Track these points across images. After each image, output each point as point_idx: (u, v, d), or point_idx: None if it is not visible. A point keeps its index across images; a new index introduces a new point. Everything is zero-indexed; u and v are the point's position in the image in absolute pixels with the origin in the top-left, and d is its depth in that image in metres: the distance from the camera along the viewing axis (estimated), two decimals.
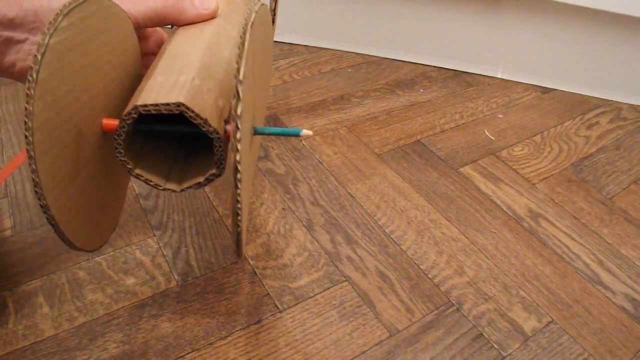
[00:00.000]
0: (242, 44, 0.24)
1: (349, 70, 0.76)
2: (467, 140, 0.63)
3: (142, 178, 0.28)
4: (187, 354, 0.37)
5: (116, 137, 0.27)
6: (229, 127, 0.28)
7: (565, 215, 0.53)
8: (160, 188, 0.29)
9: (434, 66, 0.79)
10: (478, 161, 0.59)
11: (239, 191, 0.25)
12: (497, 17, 0.74)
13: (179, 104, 0.26)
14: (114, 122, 0.28)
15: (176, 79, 0.28)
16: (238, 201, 0.25)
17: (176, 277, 0.42)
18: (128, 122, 0.26)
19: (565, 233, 0.51)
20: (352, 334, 0.39)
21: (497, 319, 0.42)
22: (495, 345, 0.40)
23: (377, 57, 0.81)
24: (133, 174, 0.28)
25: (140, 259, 0.44)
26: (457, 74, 0.78)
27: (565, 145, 0.64)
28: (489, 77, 0.78)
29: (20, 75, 0.31)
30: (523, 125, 0.67)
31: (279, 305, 0.41)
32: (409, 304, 0.42)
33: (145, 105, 0.26)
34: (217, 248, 0.45)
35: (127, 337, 0.38)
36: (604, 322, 0.42)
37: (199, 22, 0.33)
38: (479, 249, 0.48)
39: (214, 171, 0.29)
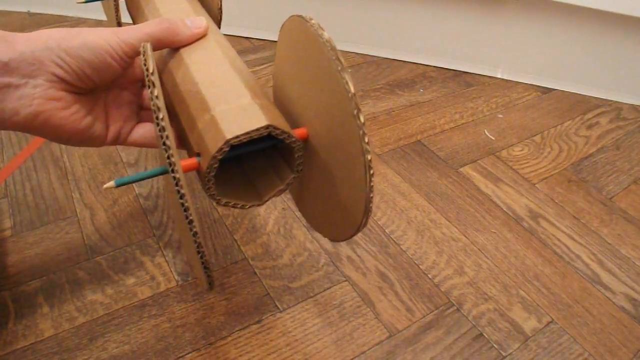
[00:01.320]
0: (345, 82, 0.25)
1: (349, 70, 0.76)
2: (467, 140, 0.63)
3: (230, 204, 0.29)
4: (187, 354, 0.37)
5: (207, 175, 0.27)
6: (299, 131, 0.29)
7: (565, 215, 0.53)
8: (246, 207, 0.29)
9: (434, 66, 0.79)
10: (478, 161, 0.59)
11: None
12: (497, 17, 0.74)
13: (267, 126, 0.26)
14: (192, 162, 0.28)
15: (238, 104, 0.28)
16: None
17: (176, 277, 0.42)
18: (220, 157, 0.26)
19: (565, 233, 0.51)
20: (352, 334, 0.39)
21: (497, 319, 0.42)
22: (495, 345, 0.40)
23: (377, 57, 0.81)
24: (222, 203, 0.29)
25: (140, 259, 0.44)
26: (457, 74, 0.78)
27: (565, 145, 0.64)
28: (489, 77, 0.78)
29: (26, 124, 0.28)
30: (523, 125, 0.67)
31: (279, 305, 0.41)
32: (409, 304, 0.42)
33: (237, 137, 0.26)
34: (217, 248, 0.45)
35: (127, 337, 0.38)
36: (604, 322, 0.42)
37: (194, 42, 0.33)
38: (479, 249, 0.48)
39: (293, 175, 0.30)
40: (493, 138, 0.64)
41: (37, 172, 0.52)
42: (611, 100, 0.75)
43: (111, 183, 0.27)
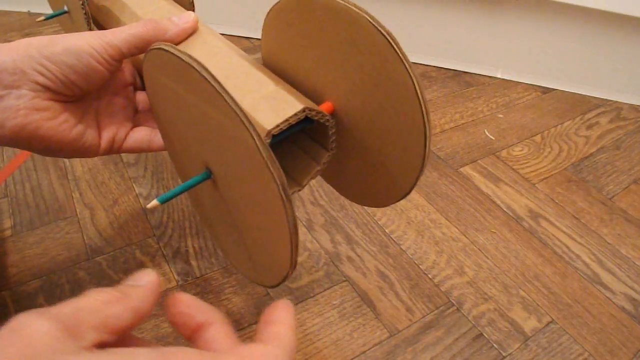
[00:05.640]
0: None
1: None
2: (467, 140, 0.63)
3: None
4: None
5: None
6: (324, 106, 0.29)
7: (565, 215, 0.53)
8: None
9: (434, 66, 0.79)
10: (478, 161, 0.59)
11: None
12: (497, 17, 0.74)
13: (304, 109, 0.26)
14: None
15: (266, 94, 0.27)
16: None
17: (176, 277, 0.42)
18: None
19: (565, 233, 0.51)
20: (352, 334, 0.39)
21: (497, 319, 0.42)
22: (495, 345, 0.40)
23: None
24: None
25: (140, 259, 0.44)
26: (457, 74, 0.78)
27: (565, 145, 0.64)
28: (489, 77, 0.78)
29: (12, 137, 0.27)
30: (523, 125, 0.67)
31: None
32: (409, 304, 0.42)
33: (278, 126, 0.26)
34: (217, 248, 0.45)
35: None
36: (604, 322, 0.42)
37: (187, 38, 0.32)
38: (479, 249, 0.48)
39: (328, 153, 0.29)
40: (493, 138, 0.64)
41: (37, 172, 0.52)
42: (611, 100, 0.75)
43: (155, 202, 0.26)
